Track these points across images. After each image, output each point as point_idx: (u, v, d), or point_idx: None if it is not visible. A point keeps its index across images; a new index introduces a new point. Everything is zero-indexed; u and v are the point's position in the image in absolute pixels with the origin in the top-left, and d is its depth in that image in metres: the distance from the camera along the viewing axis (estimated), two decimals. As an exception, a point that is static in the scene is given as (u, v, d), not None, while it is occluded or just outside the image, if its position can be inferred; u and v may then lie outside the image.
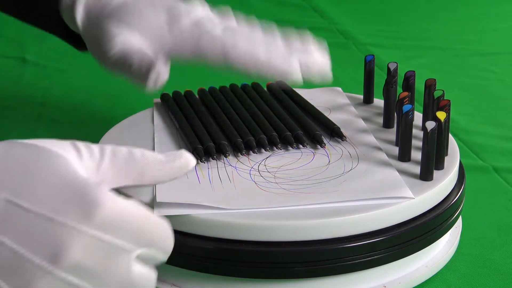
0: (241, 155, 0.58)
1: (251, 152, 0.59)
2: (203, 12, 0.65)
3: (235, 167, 0.57)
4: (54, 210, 0.42)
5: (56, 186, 0.43)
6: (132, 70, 0.61)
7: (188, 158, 0.48)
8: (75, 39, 0.70)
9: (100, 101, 0.87)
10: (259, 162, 0.57)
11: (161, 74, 0.60)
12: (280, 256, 0.50)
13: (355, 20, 1.18)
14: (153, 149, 0.60)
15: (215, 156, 0.58)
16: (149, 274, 0.46)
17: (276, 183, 0.54)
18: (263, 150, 0.59)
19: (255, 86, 0.70)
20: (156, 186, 0.53)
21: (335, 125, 0.61)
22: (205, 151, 0.58)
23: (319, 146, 0.59)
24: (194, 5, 0.65)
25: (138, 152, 0.48)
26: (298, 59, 0.61)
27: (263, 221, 0.50)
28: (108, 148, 0.47)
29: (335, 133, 0.61)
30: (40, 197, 0.43)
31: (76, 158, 0.46)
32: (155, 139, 0.61)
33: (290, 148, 0.60)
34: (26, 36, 1.07)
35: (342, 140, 0.60)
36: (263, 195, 0.53)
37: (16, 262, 0.42)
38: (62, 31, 0.70)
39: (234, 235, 0.50)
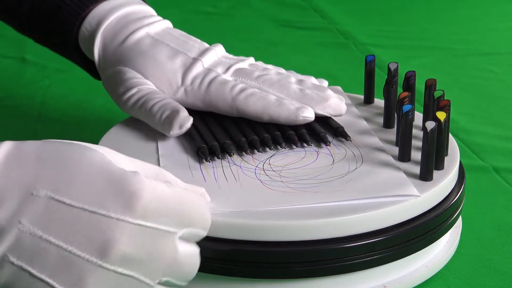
0: (246, 154, 0.58)
1: (255, 151, 0.59)
2: (217, 60, 0.65)
3: (240, 166, 0.57)
4: (96, 204, 0.43)
5: (95, 178, 0.43)
6: (153, 116, 0.61)
7: (205, 193, 0.50)
8: (93, 68, 0.71)
9: (100, 101, 0.87)
10: (264, 161, 0.57)
11: (186, 122, 0.60)
12: (280, 256, 0.50)
13: (355, 20, 1.18)
14: (157, 151, 0.60)
15: (220, 155, 0.58)
16: (193, 250, 0.47)
17: (282, 182, 0.54)
18: (267, 149, 0.59)
19: None
20: None
21: (339, 125, 0.61)
22: (209, 150, 0.58)
23: (323, 146, 0.59)
24: (209, 53, 0.65)
25: (166, 171, 0.49)
26: (311, 109, 0.61)
27: (263, 221, 0.50)
28: (139, 162, 0.48)
29: (339, 133, 0.61)
30: (80, 191, 0.43)
31: (111, 156, 0.46)
32: (158, 140, 0.61)
33: (294, 147, 0.60)
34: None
35: (347, 140, 0.60)
36: (271, 194, 0.53)
37: (65, 259, 0.42)
38: (80, 59, 0.71)
39: (234, 235, 0.50)
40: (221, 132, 0.61)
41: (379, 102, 0.68)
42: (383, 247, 0.52)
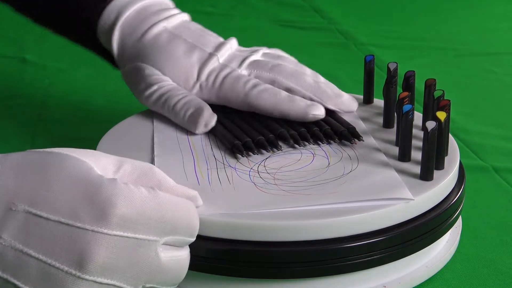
0: (271, 150, 0.59)
1: (264, 151, 0.59)
2: (231, 54, 0.66)
3: (235, 168, 0.57)
4: (71, 215, 0.43)
5: (70, 190, 0.43)
6: (177, 113, 0.62)
7: (197, 196, 0.49)
8: (113, 59, 0.71)
9: (100, 101, 0.87)
10: (259, 163, 0.57)
11: (211, 120, 0.62)
12: (280, 256, 0.50)
13: (355, 20, 1.18)
14: (152, 150, 0.60)
15: (256, 151, 0.58)
16: (180, 256, 0.47)
17: (276, 184, 0.54)
18: (286, 147, 0.59)
19: None
20: None
21: (350, 125, 0.61)
22: (244, 146, 0.59)
23: (319, 148, 0.59)
24: (224, 47, 0.66)
25: (157, 169, 0.48)
26: (321, 107, 0.62)
27: (263, 221, 0.50)
28: (128, 160, 0.48)
29: (351, 132, 0.60)
30: (56, 203, 0.43)
31: (93, 161, 0.46)
32: (154, 139, 0.61)
33: (297, 147, 0.59)
34: (26, 36, 1.07)
35: (359, 140, 0.60)
36: (263, 197, 0.53)
37: (45, 272, 0.43)
38: (100, 51, 0.71)
39: (234, 235, 0.50)
40: (247, 129, 0.61)
41: (379, 102, 0.68)
42: (383, 247, 0.52)
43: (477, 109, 0.87)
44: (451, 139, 0.60)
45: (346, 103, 0.63)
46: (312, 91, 0.62)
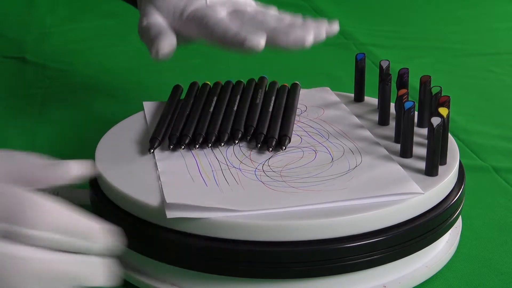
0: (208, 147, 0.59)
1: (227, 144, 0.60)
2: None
3: (239, 169, 0.56)
4: None
5: None
6: (146, 40, 0.65)
7: (69, 166, 0.45)
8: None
9: (100, 101, 0.87)
10: (263, 163, 0.57)
11: (161, 47, 0.63)
12: (280, 256, 0.50)
13: (355, 20, 1.18)
14: (153, 155, 0.60)
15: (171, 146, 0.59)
16: (8, 252, 0.40)
17: (284, 181, 0.54)
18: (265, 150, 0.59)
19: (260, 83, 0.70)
20: (163, 188, 0.53)
21: (288, 134, 0.60)
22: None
23: (320, 143, 0.59)
24: None
25: (18, 153, 0.45)
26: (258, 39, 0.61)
27: (263, 221, 0.50)
28: None
29: (280, 140, 0.60)
30: None
31: None
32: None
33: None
34: (26, 36, 1.07)
35: (282, 150, 0.59)
36: (273, 195, 0.52)
37: None
38: None
39: (234, 235, 0.50)
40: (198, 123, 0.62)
41: (370, 100, 0.68)
42: (383, 247, 0.52)
43: (477, 109, 0.87)
44: (451, 138, 0.60)
45: (293, 38, 0.62)
46: (267, 29, 0.63)
